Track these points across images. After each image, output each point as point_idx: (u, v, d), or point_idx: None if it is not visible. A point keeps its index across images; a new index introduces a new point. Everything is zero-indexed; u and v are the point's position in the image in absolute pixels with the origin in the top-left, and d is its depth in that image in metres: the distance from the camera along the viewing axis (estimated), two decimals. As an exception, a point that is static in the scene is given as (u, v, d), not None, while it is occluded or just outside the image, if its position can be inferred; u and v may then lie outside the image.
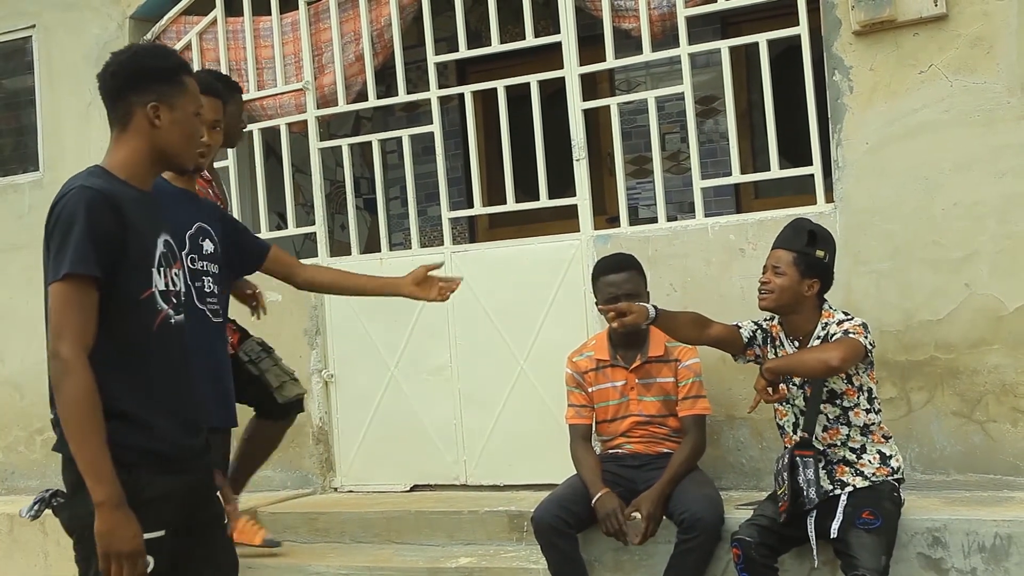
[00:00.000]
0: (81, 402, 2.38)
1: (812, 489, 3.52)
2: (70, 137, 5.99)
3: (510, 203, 5.10)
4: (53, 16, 6.04)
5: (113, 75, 2.61)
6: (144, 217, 2.56)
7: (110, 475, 2.38)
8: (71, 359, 2.39)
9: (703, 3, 4.75)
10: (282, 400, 4.39)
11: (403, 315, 5.14)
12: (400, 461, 5.15)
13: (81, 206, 2.44)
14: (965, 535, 3.67)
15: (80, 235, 2.41)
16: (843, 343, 3.50)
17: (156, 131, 2.59)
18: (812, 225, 3.74)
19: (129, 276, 2.49)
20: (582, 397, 4.22)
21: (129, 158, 2.60)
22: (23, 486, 6.09)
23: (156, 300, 2.56)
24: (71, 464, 2.44)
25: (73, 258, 2.41)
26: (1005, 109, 4.14)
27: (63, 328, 2.41)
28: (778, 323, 3.79)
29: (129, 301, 2.50)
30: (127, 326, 2.50)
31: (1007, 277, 4.14)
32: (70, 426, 2.40)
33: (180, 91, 2.62)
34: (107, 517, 2.36)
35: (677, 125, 6.35)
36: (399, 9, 5.24)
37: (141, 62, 2.62)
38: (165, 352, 2.57)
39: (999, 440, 4.15)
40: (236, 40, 5.62)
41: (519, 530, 4.43)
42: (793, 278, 3.63)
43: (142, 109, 2.57)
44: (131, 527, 2.39)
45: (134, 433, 2.47)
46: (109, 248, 2.44)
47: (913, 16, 4.23)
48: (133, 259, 2.50)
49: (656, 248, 4.65)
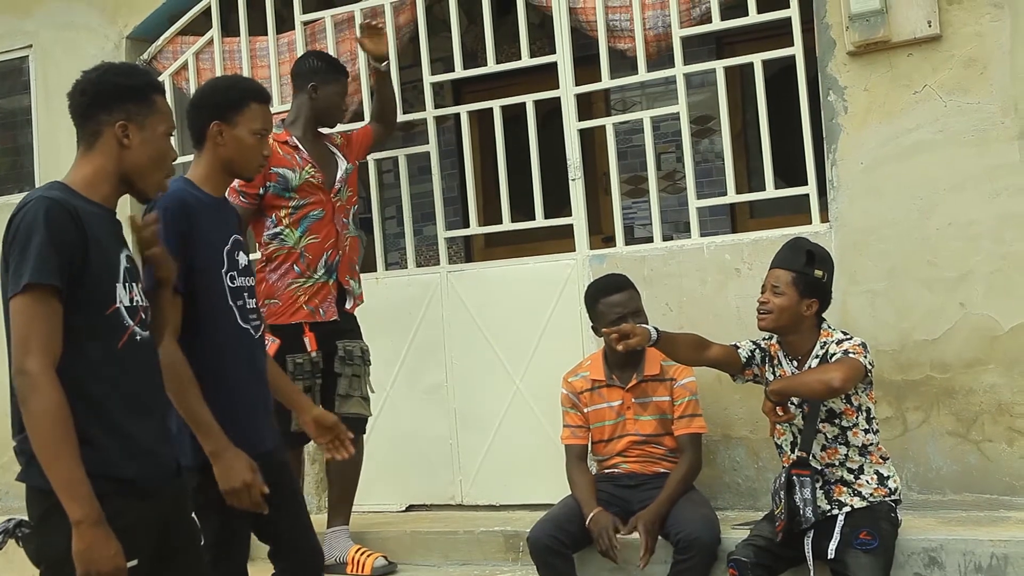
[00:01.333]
0: (52, 417, 2.28)
1: (809, 509, 3.51)
2: (66, 157, 5.86)
3: (506, 223, 5.10)
4: (50, 36, 6.06)
5: (82, 92, 2.58)
6: (105, 232, 2.49)
7: (87, 492, 2.28)
8: (38, 373, 2.29)
9: (698, 23, 4.78)
10: (337, 410, 4.40)
11: (399, 335, 5.14)
12: (396, 481, 5.14)
13: (40, 216, 2.36)
14: (962, 555, 3.66)
15: (40, 244, 2.34)
16: (844, 363, 3.50)
17: (125, 151, 2.55)
18: (810, 245, 3.74)
19: (92, 289, 2.42)
20: (577, 417, 4.22)
21: (92, 176, 2.55)
22: (16, 507, 6.04)
23: (122, 316, 2.47)
24: (38, 493, 2.37)
25: (34, 267, 2.32)
26: (999, 129, 4.16)
27: (28, 341, 2.31)
28: (777, 342, 3.79)
29: (93, 316, 2.42)
30: (92, 344, 2.41)
31: (1002, 297, 4.15)
32: (41, 443, 2.29)
33: (150, 110, 2.58)
34: (86, 536, 2.27)
35: (672, 145, 6.37)
36: (395, 29, 5.26)
37: (111, 80, 2.59)
38: (131, 371, 2.48)
39: (995, 460, 4.15)
40: (232, 60, 5.63)
41: (515, 550, 4.41)
42: (792, 298, 3.63)
43: (110, 128, 2.54)
44: (111, 545, 2.30)
45: (100, 460, 2.37)
46: (70, 257, 2.37)
47: (907, 37, 4.25)
48: (95, 270, 2.42)
49: (652, 268, 4.66)
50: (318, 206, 4.54)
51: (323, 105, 4.67)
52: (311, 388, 4.46)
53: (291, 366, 4.38)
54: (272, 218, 4.51)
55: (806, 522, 3.52)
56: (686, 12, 4.76)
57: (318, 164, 4.58)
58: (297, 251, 4.48)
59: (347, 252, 4.65)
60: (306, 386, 4.43)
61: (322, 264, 4.52)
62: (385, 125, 5.00)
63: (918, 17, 4.22)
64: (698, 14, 4.77)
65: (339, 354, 4.50)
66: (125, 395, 2.46)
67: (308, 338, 4.43)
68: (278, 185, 4.49)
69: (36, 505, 2.41)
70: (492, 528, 4.56)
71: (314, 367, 4.46)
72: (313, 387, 4.48)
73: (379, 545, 4.61)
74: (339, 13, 5.41)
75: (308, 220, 4.52)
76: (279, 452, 3.21)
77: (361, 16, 5.30)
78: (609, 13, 4.90)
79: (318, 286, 4.52)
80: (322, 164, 4.61)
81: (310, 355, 4.44)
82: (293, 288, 4.46)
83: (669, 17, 4.76)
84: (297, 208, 4.50)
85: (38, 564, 2.46)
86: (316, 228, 4.52)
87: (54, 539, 2.33)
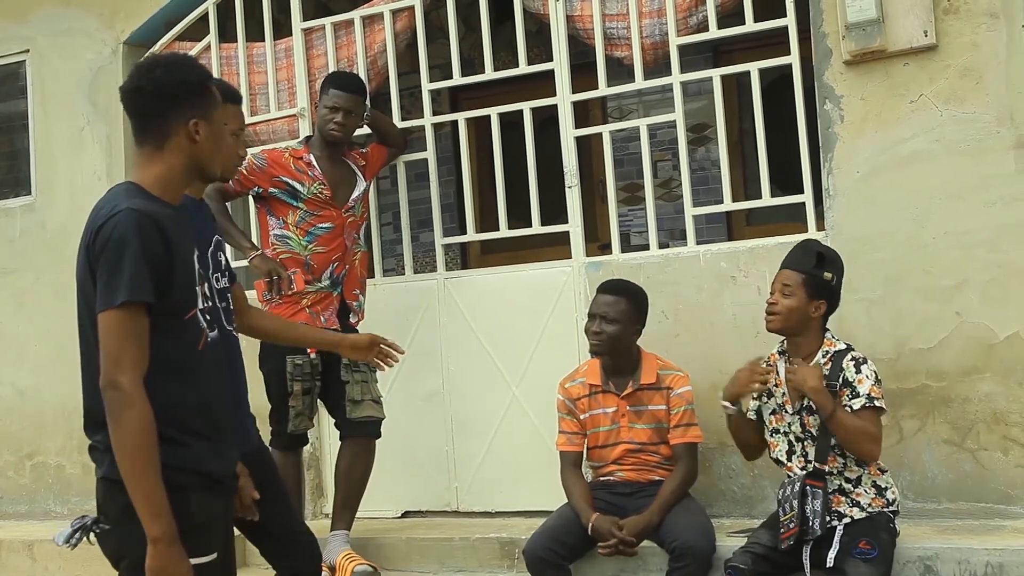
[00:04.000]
0: (142, 435, 2.33)
1: (817, 521, 3.50)
2: (63, 161, 5.99)
3: (503, 229, 5.11)
4: (47, 41, 6.05)
5: (150, 93, 2.53)
6: (181, 235, 2.52)
7: (166, 510, 2.33)
8: (132, 390, 2.33)
9: (695, 32, 4.79)
10: (349, 415, 4.50)
11: (396, 341, 5.12)
12: (392, 487, 5.13)
13: (132, 230, 2.37)
14: (957, 564, 3.67)
15: (133, 260, 2.36)
16: (878, 426, 3.54)
17: (196, 146, 2.55)
18: (821, 247, 3.76)
19: (178, 297, 2.46)
20: (574, 424, 4.22)
21: (165, 175, 2.54)
22: (11, 511, 6.05)
23: (199, 319, 2.53)
24: (120, 488, 2.38)
25: (130, 285, 2.35)
26: (995, 139, 4.17)
27: (122, 357, 2.34)
28: (777, 352, 3.80)
29: (177, 322, 2.47)
30: (176, 348, 2.46)
31: (998, 305, 4.15)
32: (128, 459, 2.33)
33: (213, 102, 2.60)
34: (163, 554, 2.32)
35: (669, 153, 6.38)
36: (393, 36, 5.27)
37: (176, 76, 2.54)
38: (208, 370, 2.54)
39: (990, 468, 4.15)
40: (229, 66, 5.64)
41: (510, 557, 4.41)
42: (801, 299, 3.64)
43: (183, 126, 2.52)
44: (184, 564, 2.35)
45: (183, 455, 2.42)
46: (159, 272, 2.40)
47: (904, 46, 4.26)
48: (180, 279, 2.46)
49: (648, 275, 4.66)
50: (327, 220, 4.59)
51: (318, 121, 4.71)
52: (310, 390, 4.49)
53: (290, 367, 4.42)
54: (280, 220, 4.57)
55: (813, 534, 3.51)
56: (683, 20, 4.77)
57: (333, 183, 4.63)
58: (302, 257, 4.52)
59: (355, 267, 4.67)
60: (305, 388, 4.46)
61: (327, 275, 4.55)
62: (392, 148, 5.06)
63: (914, 27, 4.24)
64: (695, 22, 4.78)
65: (344, 362, 4.50)
66: (204, 395, 2.51)
67: None
68: (284, 192, 4.54)
69: (116, 500, 2.41)
70: (488, 535, 4.55)
71: (313, 369, 4.48)
72: (312, 389, 4.51)
73: (375, 551, 4.61)
74: (339, 20, 5.42)
75: (317, 231, 4.57)
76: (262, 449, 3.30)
77: (361, 23, 5.31)
78: (606, 21, 4.91)
79: (322, 295, 4.54)
80: (338, 183, 4.66)
81: (309, 357, 4.45)
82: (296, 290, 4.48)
83: (666, 25, 4.77)
84: (304, 218, 4.55)
85: (117, 561, 2.48)
86: (324, 240, 4.57)
87: (138, 533, 2.35)
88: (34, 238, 6.05)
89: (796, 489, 3.55)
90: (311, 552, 3.35)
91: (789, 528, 3.54)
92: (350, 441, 4.58)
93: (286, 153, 4.66)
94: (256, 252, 4.51)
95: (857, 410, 3.54)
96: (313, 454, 5.32)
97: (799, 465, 3.66)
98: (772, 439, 3.76)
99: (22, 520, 5.92)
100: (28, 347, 6.04)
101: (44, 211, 6.03)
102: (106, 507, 2.46)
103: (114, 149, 5.85)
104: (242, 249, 4.54)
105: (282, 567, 3.31)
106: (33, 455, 6.02)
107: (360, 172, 4.78)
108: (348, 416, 4.53)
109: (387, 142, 5.02)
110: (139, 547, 2.36)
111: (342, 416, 4.56)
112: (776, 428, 3.74)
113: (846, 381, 3.58)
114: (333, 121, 4.63)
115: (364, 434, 4.56)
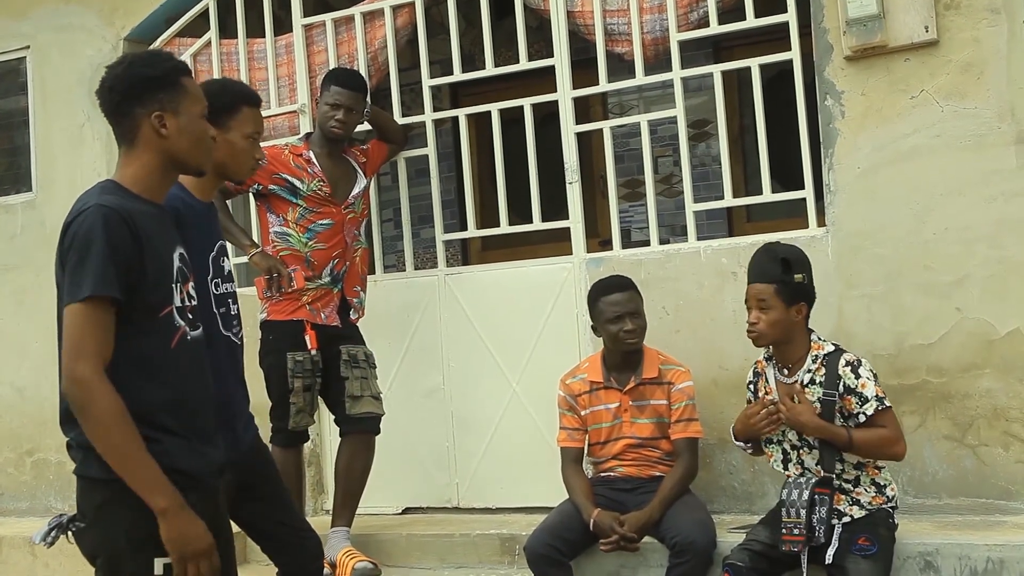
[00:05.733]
0: (114, 418, 2.33)
1: (821, 528, 3.49)
2: (63, 158, 5.99)
3: (503, 226, 5.11)
4: (47, 37, 6.05)
5: (111, 90, 2.56)
6: (159, 232, 2.52)
7: (164, 481, 2.34)
8: (92, 379, 2.33)
9: (696, 27, 4.78)
10: (348, 411, 4.52)
11: (396, 338, 5.15)
12: (392, 483, 5.14)
13: (99, 224, 2.38)
14: (957, 559, 3.67)
15: (99, 255, 2.36)
16: (894, 424, 3.57)
17: (164, 140, 2.55)
18: (781, 250, 3.71)
19: (149, 294, 2.45)
20: (574, 420, 4.22)
21: (141, 172, 2.56)
22: (12, 508, 6.06)
23: (174, 317, 2.52)
24: (94, 484, 2.39)
25: (94, 279, 2.35)
26: (995, 135, 4.17)
27: (82, 348, 2.35)
28: (764, 358, 3.79)
29: (148, 319, 2.46)
30: (146, 345, 2.46)
31: (998, 301, 4.15)
32: (108, 445, 2.34)
33: (182, 95, 2.58)
34: (175, 522, 2.34)
35: (670, 148, 6.38)
36: (394, 32, 5.27)
37: (137, 72, 2.56)
38: (184, 369, 2.53)
39: (991, 464, 4.16)
40: (230, 62, 5.64)
41: (511, 553, 4.41)
42: (780, 309, 3.60)
43: (147, 120, 2.53)
44: (198, 525, 2.38)
45: (154, 452, 2.40)
46: (128, 267, 2.40)
47: (904, 42, 4.26)
48: (152, 276, 2.45)
49: (648, 271, 4.66)
50: (327, 216, 4.59)
51: (319, 118, 4.72)
52: (311, 387, 4.49)
53: (291, 363, 4.43)
54: (280, 217, 4.56)
55: (817, 541, 3.49)
56: (684, 16, 4.77)
57: (333, 179, 4.63)
58: (303, 254, 4.52)
59: (355, 263, 4.68)
60: (306, 384, 4.45)
61: (327, 272, 4.56)
62: (392, 144, 5.06)
63: (915, 22, 4.23)
64: (696, 18, 4.77)
65: (343, 358, 4.53)
66: (176, 393, 2.50)
67: (309, 336, 4.45)
68: (284, 188, 4.54)
69: (92, 496, 2.42)
70: (488, 531, 4.56)
71: (314, 366, 4.49)
72: (313, 386, 4.51)
73: (375, 548, 4.61)
74: (339, 16, 5.42)
75: (317, 228, 4.57)
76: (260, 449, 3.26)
77: (361, 19, 5.31)
78: (607, 17, 4.90)
79: (322, 291, 4.55)
80: (338, 179, 4.66)
81: (310, 353, 4.46)
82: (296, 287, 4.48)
83: (667, 21, 4.77)
84: (304, 215, 4.55)
85: (93, 558, 2.47)
86: (324, 237, 4.57)
87: (112, 531, 2.36)
88: (34, 235, 6.05)
89: (805, 498, 3.49)
90: (312, 549, 3.35)
91: (793, 534, 3.50)
92: (350, 438, 4.59)
93: (286, 150, 4.66)
94: (256, 249, 4.51)
95: (871, 415, 3.52)
96: (314, 451, 5.32)
97: (796, 472, 3.65)
98: (767, 449, 3.75)
99: (23, 517, 5.93)
100: (29, 344, 6.04)
101: (44, 208, 6.03)
102: (82, 504, 2.46)
103: (114, 146, 5.61)
104: (242, 246, 4.54)
105: (283, 564, 3.32)
106: (34, 452, 6.02)
107: (360, 169, 4.78)
108: (347, 412, 4.54)
109: (387, 138, 5.02)
110: (114, 545, 2.37)
111: (342, 412, 4.57)
112: (769, 439, 3.73)
113: (848, 388, 3.55)
114: (334, 118, 4.63)
115: (364, 430, 4.57)
